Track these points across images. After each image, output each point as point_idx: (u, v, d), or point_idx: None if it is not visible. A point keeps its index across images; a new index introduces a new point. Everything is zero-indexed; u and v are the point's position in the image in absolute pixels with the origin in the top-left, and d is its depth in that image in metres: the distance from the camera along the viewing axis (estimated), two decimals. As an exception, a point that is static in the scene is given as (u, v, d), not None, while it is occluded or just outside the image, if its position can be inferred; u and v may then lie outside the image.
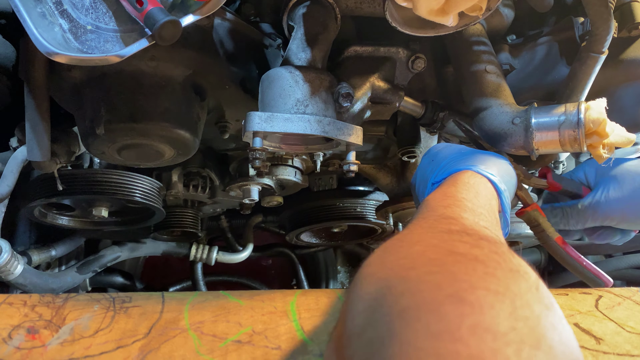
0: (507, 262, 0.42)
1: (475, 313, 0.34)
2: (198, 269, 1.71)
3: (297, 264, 1.88)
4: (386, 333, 0.36)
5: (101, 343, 0.55)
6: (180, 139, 0.97)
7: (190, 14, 0.72)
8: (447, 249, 0.43)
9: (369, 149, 1.27)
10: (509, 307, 0.35)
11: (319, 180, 1.48)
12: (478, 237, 0.48)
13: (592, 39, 0.85)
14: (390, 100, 0.98)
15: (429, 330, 0.34)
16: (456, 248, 0.44)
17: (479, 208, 0.62)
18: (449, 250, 0.43)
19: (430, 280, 0.39)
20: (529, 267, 0.43)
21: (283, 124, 0.82)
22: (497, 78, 0.94)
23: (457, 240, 0.47)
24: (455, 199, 0.63)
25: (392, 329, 0.36)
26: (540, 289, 0.40)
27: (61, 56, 0.69)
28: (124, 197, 1.20)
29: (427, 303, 0.36)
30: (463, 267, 0.40)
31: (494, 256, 0.42)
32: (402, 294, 0.38)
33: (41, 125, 0.93)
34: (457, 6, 0.76)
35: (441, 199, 0.64)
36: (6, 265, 1.11)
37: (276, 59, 1.01)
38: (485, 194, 0.69)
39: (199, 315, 0.59)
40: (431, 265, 0.41)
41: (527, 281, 0.39)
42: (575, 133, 0.82)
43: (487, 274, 0.39)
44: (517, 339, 0.33)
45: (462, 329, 0.33)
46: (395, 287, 0.40)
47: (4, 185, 1.09)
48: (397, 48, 0.99)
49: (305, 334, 0.58)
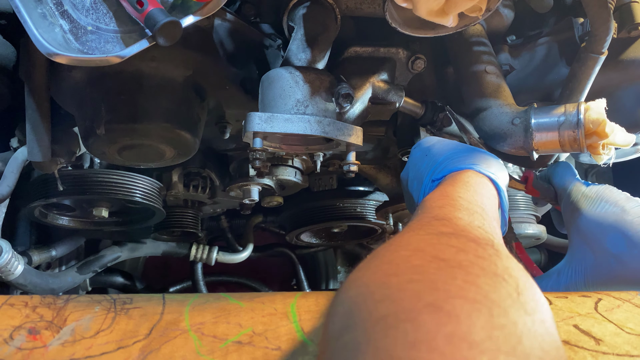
0: (492, 266, 0.42)
1: (451, 322, 0.35)
2: (198, 269, 1.71)
3: (297, 264, 1.88)
4: (362, 338, 0.36)
5: (102, 344, 0.55)
6: (180, 140, 0.97)
7: (191, 15, 0.72)
8: (432, 255, 0.44)
9: (369, 149, 1.27)
10: (486, 316, 0.36)
11: (319, 180, 1.48)
12: (467, 239, 0.49)
13: (592, 39, 0.85)
14: (390, 101, 0.98)
15: (406, 339, 0.34)
16: (441, 253, 0.44)
17: (476, 207, 0.62)
18: (433, 256, 0.43)
19: (410, 288, 0.39)
20: (519, 268, 0.44)
21: (283, 124, 0.82)
22: (496, 78, 0.94)
23: (444, 243, 0.47)
24: (451, 198, 0.63)
25: (369, 335, 0.36)
26: (523, 293, 0.40)
27: (62, 57, 0.69)
28: (124, 197, 1.20)
29: (406, 312, 0.36)
30: (444, 274, 0.40)
31: (478, 261, 0.43)
32: (381, 301, 0.39)
33: (42, 126, 0.93)
34: (456, 7, 0.76)
35: (437, 199, 0.64)
36: (6, 266, 1.11)
37: (276, 59, 1.01)
38: (485, 193, 0.69)
39: (200, 317, 0.60)
40: (413, 273, 0.41)
41: (508, 286, 0.40)
42: (575, 133, 0.82)
43: (467, 282, 0.39)
44: (492, 347, 0.33)
45: (438, 338, 0.34)
46: (375, 293, 0.40)
47: (5, 186, 1.10)
48: (397, 48, 0.99)
49: (306, 335, 0.58)
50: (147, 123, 0.93)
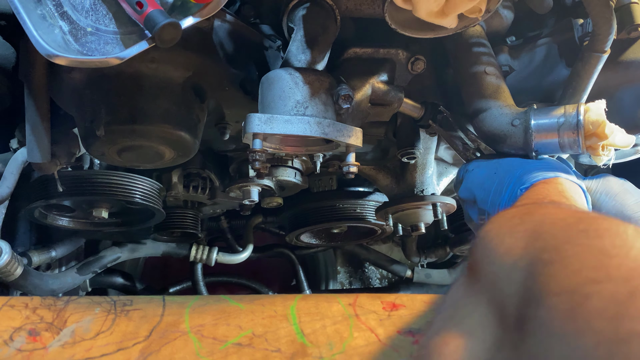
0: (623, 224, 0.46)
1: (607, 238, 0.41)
2: (198, 269, 1.71)
3: (297, 265, 1.88)
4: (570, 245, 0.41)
5: (102, 345, 0.56)
6: (180, 141, 0.97)
7: (190, 16, 0.72)
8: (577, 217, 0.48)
9: (369, 150, 1.27)
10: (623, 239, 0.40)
11: (318, 181, 1.48)
12: None
13: (594, 38, 0.85)
14: (390, 102, 0.98)
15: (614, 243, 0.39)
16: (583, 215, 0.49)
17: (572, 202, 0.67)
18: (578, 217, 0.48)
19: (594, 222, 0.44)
20: None
21: (283, 125, 0.82)
22: (496, 79, 0.94)
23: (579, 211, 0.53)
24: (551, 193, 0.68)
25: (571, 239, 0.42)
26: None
27: (61, 58, 0.69)
28: (124, 198, 1.20)
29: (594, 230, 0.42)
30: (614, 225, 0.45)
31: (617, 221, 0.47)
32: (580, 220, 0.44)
33: (41, 127, 0.93)
34: (456, 8, 0.76)
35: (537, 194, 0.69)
36: (7, 267, 1.11)
37: (276, 60, 1.01)
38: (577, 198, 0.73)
39: (200, 319, 0.60)
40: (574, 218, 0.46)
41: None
42: (575, 135, 0.82)
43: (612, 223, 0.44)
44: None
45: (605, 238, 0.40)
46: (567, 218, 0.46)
47: (5, 187, 1.10)
48: (396, 50, 0.99)
49: (305, 337, 0.58)
50: (147, 124, 0.93)
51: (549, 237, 0.44)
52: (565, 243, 0.42)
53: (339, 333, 0.62)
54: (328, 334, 0.59)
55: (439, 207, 1.14)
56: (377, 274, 2.28)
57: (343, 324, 0.64)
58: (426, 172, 1.19)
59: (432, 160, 1.21)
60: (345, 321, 0.64)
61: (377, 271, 2.27)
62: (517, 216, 0.51)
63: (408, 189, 1.21)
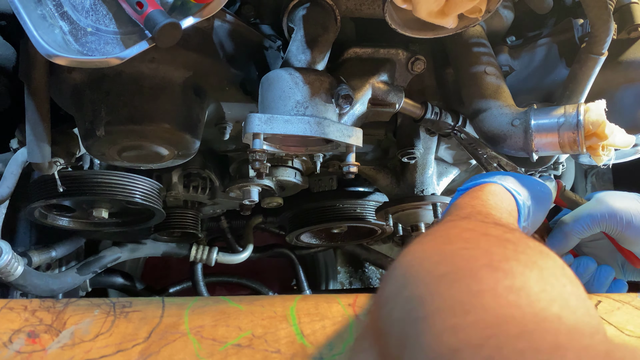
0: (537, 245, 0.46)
1: (508, 278, 0.39)
2: (198, 269, 1.70)
3: (297, 265, 1.88)
4: (425, 291, 0.40)
5: (101, 347, 0.55)
6: (180, 141, 0.97)
7: (190, 16, 0.72)
8: (481, 232, 0.49)
9: (369, 150, 1.27)
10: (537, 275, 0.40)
11: (318, 181, 1.48)
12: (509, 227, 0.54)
13: (592, 40, 0.85)
14: (390, 102, 0.98)
15: (470, 289, 0.38)
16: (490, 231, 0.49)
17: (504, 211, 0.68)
18: (482, 233, 0.48)
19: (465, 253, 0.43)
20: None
21: (283, 125, 0.82)
22: (496, 79, 0.94)
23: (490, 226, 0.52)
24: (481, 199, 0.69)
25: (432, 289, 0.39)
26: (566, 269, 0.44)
27: (61, 58, 0.69)
28: (124, 198, 1.20)
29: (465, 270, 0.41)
30: (495, 244, 0.45)
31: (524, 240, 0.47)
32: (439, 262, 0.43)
33: (41, 127, 0.93)
34: (456, 8, 0.76)
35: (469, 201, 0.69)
36: (6, 267, 1.11)
37: (276, 60, 1.01)
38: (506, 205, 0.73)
39: (199, 320, 0.60)
40: (466, 243, 0.46)
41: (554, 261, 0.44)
42: (575, 135, 0.82)
43: (517, 252, 0.43)
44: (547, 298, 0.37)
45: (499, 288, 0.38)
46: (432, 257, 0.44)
47: (5, 187, 1.09)
48: (396, 50, 0.99)
49: (305, 338, 0.58)
50: (147, 124, 0.93)
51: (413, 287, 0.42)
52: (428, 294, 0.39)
53: (339, 334, 0.62)
54: (328, 334, 0.59)
55: (439, 207, 1.14)
56: (377, 274, 2.28)
57: (343, 325, 0.64)
58: (426, 172, 1.19)
59: (432, 160, 1.21)
60: (345, 322, 0.64)
61: (377, 271, 2.27)
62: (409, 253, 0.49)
63: (408, 189, 1.21)
